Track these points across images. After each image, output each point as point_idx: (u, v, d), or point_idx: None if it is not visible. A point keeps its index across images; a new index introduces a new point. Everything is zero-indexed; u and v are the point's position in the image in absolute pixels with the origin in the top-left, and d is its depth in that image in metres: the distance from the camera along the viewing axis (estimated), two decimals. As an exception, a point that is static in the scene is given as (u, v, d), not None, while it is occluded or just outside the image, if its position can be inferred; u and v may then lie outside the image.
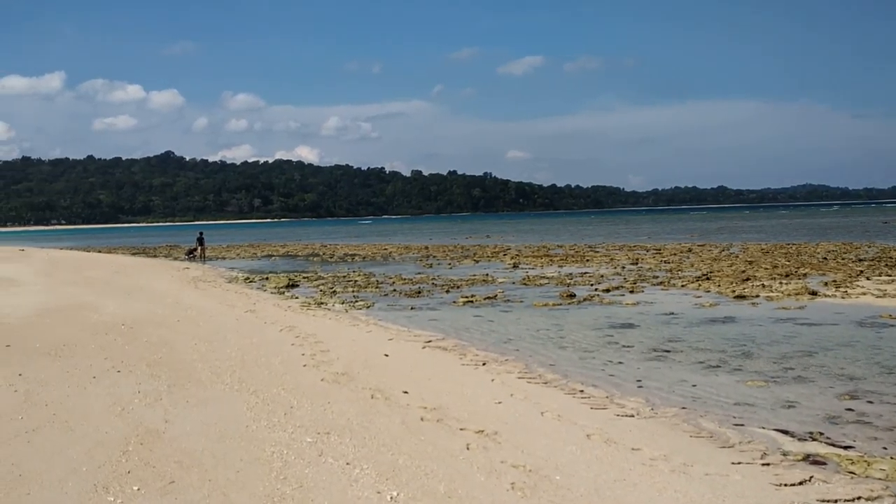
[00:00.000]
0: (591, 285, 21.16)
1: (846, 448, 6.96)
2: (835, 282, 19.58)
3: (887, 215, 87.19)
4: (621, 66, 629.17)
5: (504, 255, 36.45)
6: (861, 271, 21.95)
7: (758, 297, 17.64)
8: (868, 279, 20.13)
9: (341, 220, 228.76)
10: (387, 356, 11.26)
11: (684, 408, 8.48)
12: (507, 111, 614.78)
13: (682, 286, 20.25)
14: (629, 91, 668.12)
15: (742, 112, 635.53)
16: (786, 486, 5.95)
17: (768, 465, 6.47)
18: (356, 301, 19.28)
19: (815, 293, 17.60)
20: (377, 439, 6.83)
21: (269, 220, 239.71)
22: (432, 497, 5.51)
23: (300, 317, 15.84)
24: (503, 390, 9.10)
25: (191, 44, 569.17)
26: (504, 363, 10.97)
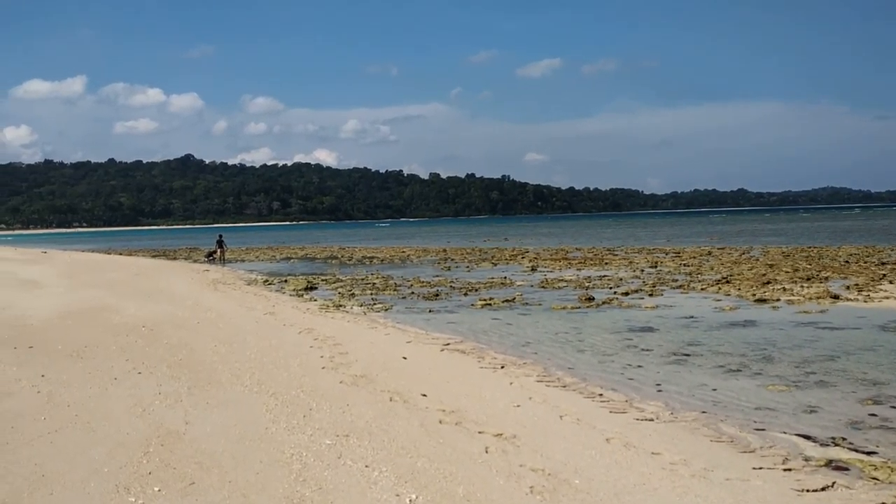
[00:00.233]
0: (610, 288, 21.07)
1: (869, 454, 6.87)
2: (857, 285, 19.36)
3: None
4: (640, 69, 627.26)
5: (522, 258, 36.38)
6: (884, 275, 21.66)
7: (779, 300, 17.49)
8: (891, 283, 19.86)
9: (359, 223, 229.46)
10: (405, 359, 11.27)
11: (704, 412, 8.41)
12: (525, 114, 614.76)
13: (702, 289, 20.11)
14: (648, 93, 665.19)
15: (762, 114, 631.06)
16: (808, 491, 5.89)
17: (790, 470, 6.40)
18: (374, 303, 19.32)
19: (836, 297, 17.41)
20: (396, 442, 6.84)
21: (287, 223, 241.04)
22: (451, 500, 5.51)
23: (319, 319, 15.90)
24: (522, 393, 9.08)
25: (210, 47, 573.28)
26: (522, 366, 10.95)
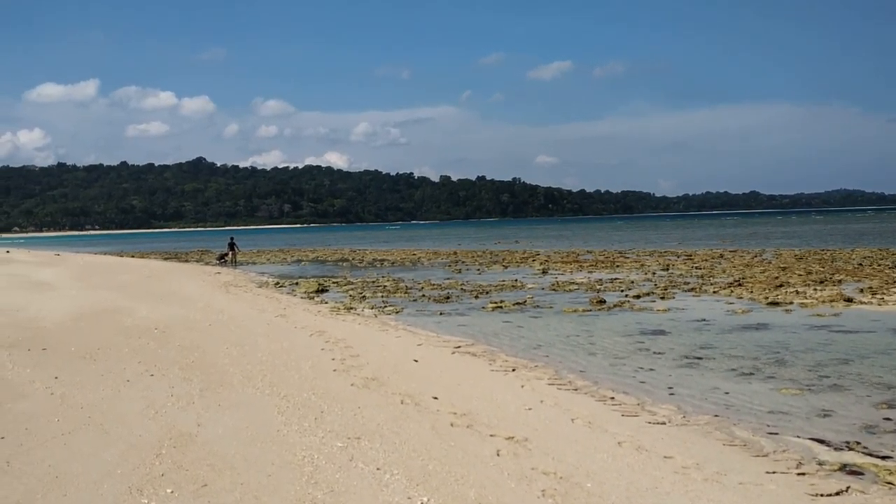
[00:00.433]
0: (622, 291, 21.01)
1: (884, 458, 6.81)
2: (871, 288, 19.22)
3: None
4: (651, 71, 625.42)
5: (533, 260, 36.34)
6: (898, 278, 21.53)
7: (791, 303, 17.39)
8: (905, 286, 19.72)
9: (370, 226, 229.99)
10: (416, 361, 11.27)
11: (717, 416, 8.37)
12: (536, 116, 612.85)
13: (714, 292, 20.02)
14: (659, 95, 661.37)
15: (774, 116, 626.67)
16: (822, 496, 5.85)
17: (804, 474, 6.36)
18: (385, 306, 19.34)
19: (850, 300, 17.29)
20: (407, 445, 6.83)
21: (298, 226, 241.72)
22: (463, 503, 5.50)
23: (330, 322, 15.93)
24: (533, 396, 9.06)
25: (221, 50, 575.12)
26: (534, 369, 10.93)
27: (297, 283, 26.41)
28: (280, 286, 26.02)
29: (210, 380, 9.50)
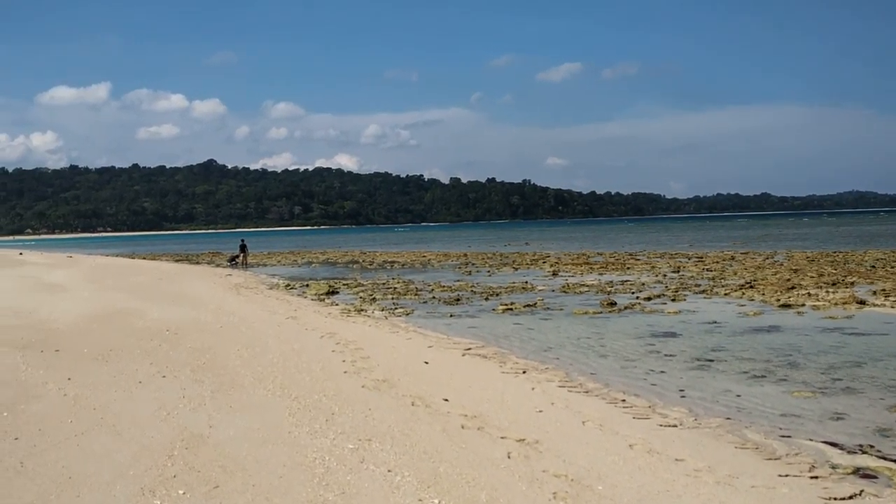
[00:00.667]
0: (633, 293, 20.96)
1: (898, 462, 6.77)
2: (884, 291, 19.09)
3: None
4: (661, 72, 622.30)
5: (543, 262, 36.30)
6: (911, 280, 21.37)
7: (803, 305, 17.30)
8: (919, 288, 19.58)
9: (380, 228, 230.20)
10: (427, 363, 11.28)
11: (729, 418, 8.34)
12: (545, 118, 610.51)
13: (726, 294, 19.94)
14: (669, 97, 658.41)
15: (786, 117, 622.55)
16: (835, 500, 5.81)
17: (816, 478, 6.32)
18: (396, 308, 19.36)
19: (863, 302, 17.19)
20: (418, 447, 6.84)
21: (309, 228, 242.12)
22: (474, 505, 5.50)
23: (340, 323, 15.96)
24: (544, 399, 9.05)
25: (232, 53, 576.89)
26: (544, 371, 10.91)
27: (307, 285, 26.46)
28: (291, 288, 26.08)
29: (221, 381, 9.54)
